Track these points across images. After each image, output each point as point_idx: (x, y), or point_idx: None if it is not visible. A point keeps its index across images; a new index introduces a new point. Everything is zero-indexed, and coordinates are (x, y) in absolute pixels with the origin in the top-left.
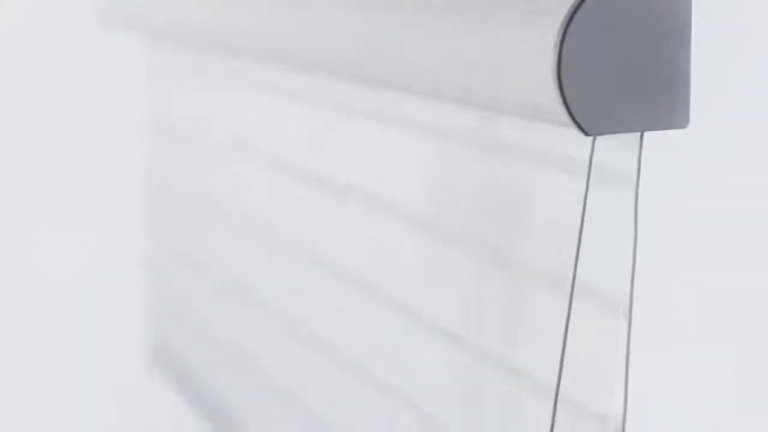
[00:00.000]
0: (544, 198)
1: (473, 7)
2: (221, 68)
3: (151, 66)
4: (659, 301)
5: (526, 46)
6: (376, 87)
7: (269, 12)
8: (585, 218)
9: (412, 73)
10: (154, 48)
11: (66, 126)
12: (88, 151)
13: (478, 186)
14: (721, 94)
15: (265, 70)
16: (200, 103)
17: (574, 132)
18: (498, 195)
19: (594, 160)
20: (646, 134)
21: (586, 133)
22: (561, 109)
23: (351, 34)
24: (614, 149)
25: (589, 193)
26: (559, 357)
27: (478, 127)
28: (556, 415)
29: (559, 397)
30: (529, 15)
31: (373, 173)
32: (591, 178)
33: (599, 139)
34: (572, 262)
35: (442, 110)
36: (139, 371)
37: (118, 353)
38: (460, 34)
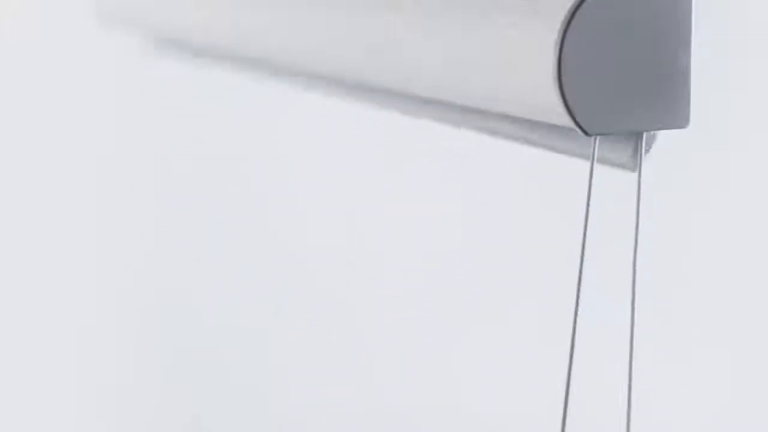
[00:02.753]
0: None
1: (473, 7)
2: (221, 67)
3: (151, 66)
4: (659, 301)
5: (526, 46)
6: (376, 88)
7: (269, 12)
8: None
9: (412, 73)
10: (154, 48)
11: (65, 125)
12: (88, 151)
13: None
14: (721, 94)
15: (265, 69)
16: (200, 102)
17: (575, 132)
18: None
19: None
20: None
21: (587, 133)
22: (561, 109)
23: (350, 35)
24: (614, 149)
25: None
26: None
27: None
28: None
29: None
30: (529, 15)
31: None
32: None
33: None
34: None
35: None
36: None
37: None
38: (460, 34)
